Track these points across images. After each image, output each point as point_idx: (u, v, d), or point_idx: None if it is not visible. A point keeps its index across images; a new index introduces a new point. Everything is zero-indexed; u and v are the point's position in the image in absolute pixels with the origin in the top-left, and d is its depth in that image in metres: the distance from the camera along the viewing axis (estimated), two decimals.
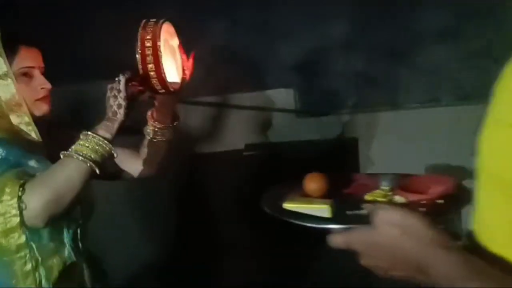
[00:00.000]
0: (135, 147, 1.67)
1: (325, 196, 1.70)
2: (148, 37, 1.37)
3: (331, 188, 1.70)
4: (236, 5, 2.95)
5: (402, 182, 1.68)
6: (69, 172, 1.23)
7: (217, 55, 2.83)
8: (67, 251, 1.33)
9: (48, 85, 1.37)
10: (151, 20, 1.42)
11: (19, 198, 1.16)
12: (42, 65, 1.38)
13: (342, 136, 3.15)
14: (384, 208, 0.77)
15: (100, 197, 1.58)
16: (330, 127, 3.14)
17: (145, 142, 1.62)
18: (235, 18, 2.98)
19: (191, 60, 1.53)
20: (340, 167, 2.92)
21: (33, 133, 1.32)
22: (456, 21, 2.92)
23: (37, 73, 1.36)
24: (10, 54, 1.30)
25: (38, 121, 1.37)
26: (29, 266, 1.24)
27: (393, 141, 3.07)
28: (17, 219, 1.16)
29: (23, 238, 1.21)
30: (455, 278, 0.67)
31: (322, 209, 1.50)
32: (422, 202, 1.60)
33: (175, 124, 1.61)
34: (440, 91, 3.10)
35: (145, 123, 1.63)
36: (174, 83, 1.47)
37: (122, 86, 1.31)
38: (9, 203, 1.15)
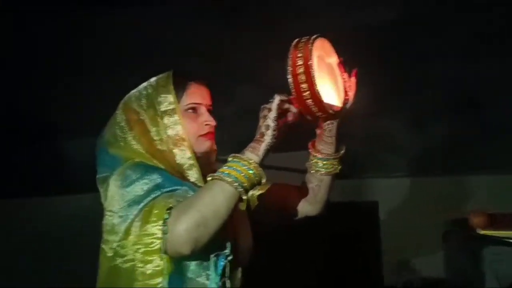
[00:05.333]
0: (297, 184, 1.52)
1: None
2: (299, 55, 1.24)
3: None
4: None
5: None
6: (213, 194, 1.15)
7: None
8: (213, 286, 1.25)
9: (213, 122, 1.34)
10: (303, 38, 1.28)
11: (164, 221, 1.13)
12: (210, 102, 1.37)
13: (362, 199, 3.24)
14: None
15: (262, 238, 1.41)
16: (351, 190, 3.23)
17: (308, 177, 1.48)
18: None
19: (353, 78, 1.36)
20: (360, 229, 3.02)
21: (194, 169, 1.29)
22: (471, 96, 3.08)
23: (203, 110, 1.34)
24: (180, 90, 1.32)
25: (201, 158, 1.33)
26: None
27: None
28: (159, 243, 1.13)
29: (160, 265, 1.16)
30: None
31: None
32: None
33: (341, 153, 1.44)
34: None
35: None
36: (333, 105, 1.31)
37: (274, 105, 1.22)
38: (154, 225, 1.14)
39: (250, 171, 1.18)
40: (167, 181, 1.23)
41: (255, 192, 1.43)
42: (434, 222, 2.98)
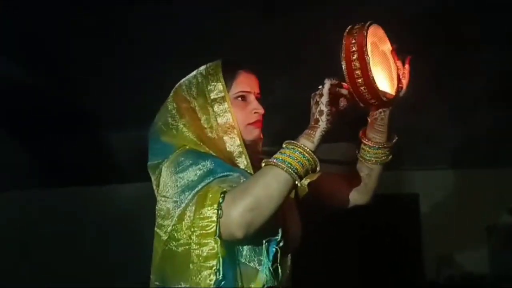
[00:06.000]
0: (348, 173, 1.52)
1: None
2: (353, 41, 1.23)
3: None
4: None
5: None
6: (267, 180, 1.16)
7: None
8: (265, 273, 1.25)
9: (261, 110, 1.35)
10: (357, 24, 1.27)
11: (219, 204, 1.14)
12: (258, 91, 1.37)
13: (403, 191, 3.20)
14: None
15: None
16: (392, 182, 3.20)
17: (358, 166, 1.47)
18: None
19: (406, 66, 1.34)
20: (401, 222, 2.99)
21: (244, 156, 1.31)
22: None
23: (252, 98, 1.35)
24: (229, 79, 1.33)
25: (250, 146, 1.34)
26: (213, 279, 1.18)
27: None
28: (214, 226, 1.15)
29: (215, 248, 1.17)
30: None
31: None
32: None
33: (392, 142, 1.42)
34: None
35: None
36: (387, 93, 1.30)
37: (325, 90, 1.21)
38: (209, 208, 1.15)
39: (305, 158, 1.17)
40: (219, 167, 1.24)
41: (304, 181, 1.42)
42: (477, 216, 2.92)
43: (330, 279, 2.69)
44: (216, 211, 1.14)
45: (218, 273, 1.17)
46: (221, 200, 1.15)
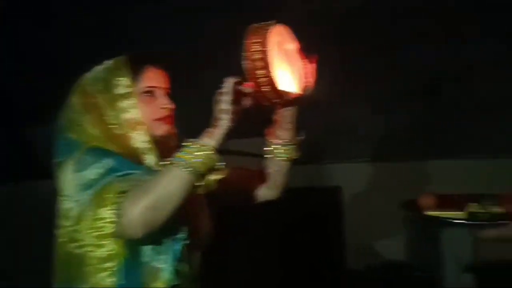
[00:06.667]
0: (257, 169, 1.51)
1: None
2: (256, 40, 1.21)
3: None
4: None
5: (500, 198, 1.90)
6: (167, 178, 1.16)
7: None
8: (168, 273, 1.24)
9: (170, 105, 1.32)
10: (261, 23, 1.26)
11: (117, 205, 1.13)
12: (167, 86, 1.34)
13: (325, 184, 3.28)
14: None
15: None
16: (315, 175, 3.27)
17: (267, 162, 1.47)
18: None
19: (312, 65, 1.34)
20: (323, 213, 3.07)
21: (151, 153, 1.28)
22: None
23: (160, 93, 1.32)
24: (136, 74, 1.30)
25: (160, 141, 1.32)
26: (112, 281, 1.17)
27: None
28: (111, 227, 1.14)
29: (115, 249, 1.16)
30: None
31: (459, 215, 1.80)
32: None
33: (299, 139, 1.44)
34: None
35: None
36: (290, 92, 1.30)
37: (227, 88, 1.20)
38: (106, 209, 1.14)
39: (205, 156, 1.18)
40: (121, 165, 1.22)
41: (214, 177, 1.42)
42: (395, 206, 3.03)
43: (252, 271, 2.72)
44: (112, 211, 1.13)
45: (116, 274, 1.16)
46: (119, 200, 1.13)
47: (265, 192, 1.51)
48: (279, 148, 1.43)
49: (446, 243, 2.66)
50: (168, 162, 1.18)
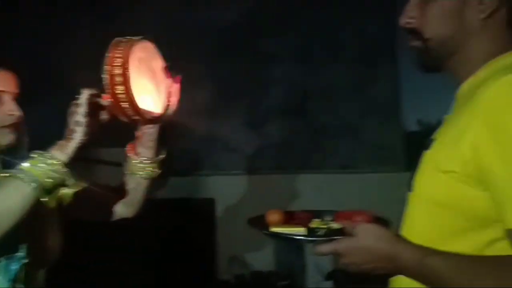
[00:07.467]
0: (115, 185, 1.47)
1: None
2: (118, 55, 1.17)
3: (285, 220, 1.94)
4: None
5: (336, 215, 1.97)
6: (7, 191, 1.08)
7: None
8: None
9: (17, 112, 1.24)
10: (126, 38, 1.22)
11: None
12: (15, 90, 1.25)
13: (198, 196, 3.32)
14: (363, 225, 1.07)
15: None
16: (188, 187, 3.30)
17: (126, 179, 1.42)
18: None
19: (176, 85, 1.32)
20: (196, 225, 3.11)
21: None
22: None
23: (7, 99, 1.23)
24: None
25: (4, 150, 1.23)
26: None
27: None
28: None
29: None
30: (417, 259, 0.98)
31: (299, 231, 1.77)
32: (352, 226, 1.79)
33: (160, 158, 1.39)
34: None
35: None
36: (151, 111, 1.28)
37: (82, 100, 1.14)
38: None
39: (53, 170, 1.12)
40: None
41: (68, 191, 1.38)
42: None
43: (119, 285, 2.67)
44: None
45: None
46: None
47: (122, 209, 1.46)
48: (138, 165, 1.38)
49: (307, 254, 2.82)
50: (8, 174, 1.10)
